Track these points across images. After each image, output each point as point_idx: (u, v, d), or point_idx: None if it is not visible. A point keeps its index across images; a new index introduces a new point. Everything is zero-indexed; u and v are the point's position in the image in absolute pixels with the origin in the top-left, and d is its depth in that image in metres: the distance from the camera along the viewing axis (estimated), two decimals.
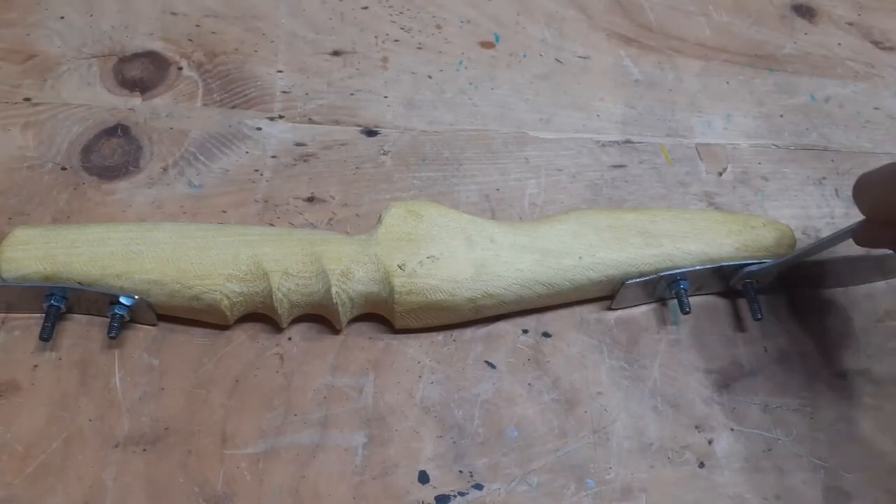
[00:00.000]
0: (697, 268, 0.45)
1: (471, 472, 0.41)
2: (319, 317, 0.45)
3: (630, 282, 0.45)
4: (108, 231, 0.43)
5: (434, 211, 0.45)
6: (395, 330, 0.45)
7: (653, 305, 0.47)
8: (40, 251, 0.42)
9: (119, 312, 0.41)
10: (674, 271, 0.45)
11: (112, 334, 0.41)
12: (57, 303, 0.42)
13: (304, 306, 0.43)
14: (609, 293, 0.47)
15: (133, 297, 0.41)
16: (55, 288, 0.41)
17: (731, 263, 0.46)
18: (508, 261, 0.44)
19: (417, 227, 0.44)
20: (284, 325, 0.44)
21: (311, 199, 0.50)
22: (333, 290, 0.42)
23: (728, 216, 0.48)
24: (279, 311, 0.42)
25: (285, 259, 0.42)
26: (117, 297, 0.41)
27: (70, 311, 0.43)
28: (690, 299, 0.46)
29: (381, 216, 0.44)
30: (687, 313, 0.45)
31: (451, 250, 0.43)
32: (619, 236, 0.46)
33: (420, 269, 0.42)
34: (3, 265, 0.41)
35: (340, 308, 0.42)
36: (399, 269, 0.42)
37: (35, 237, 0.42)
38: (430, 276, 0.42)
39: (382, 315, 0.45)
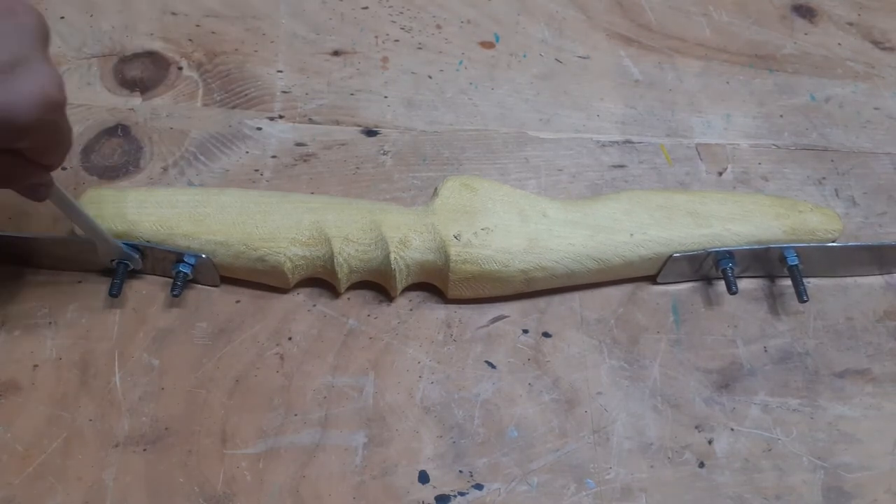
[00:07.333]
0: (744, 247, 0.46)
1: (471, 472, 0.41)
2: (323, 316, 0.45)
3: (677, 255, 0.46)
4: (175, 194, 0.44)
5: (488, 185, 0.46)
6: (403, 328, 0.45)
7: (655, 306, 0.47)
8: (111, 210, 0.43)
9: (183, 271, 0.43)
10: (721, 248, 0.46)
11: (175, 292, 0.43)
12: (125, 260, 0.43)
13: (363, 272, 0.44)
14: (656, 272, 0.47)
15: (199, 256, 0.43)
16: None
17: (779, 245, 0.46)
18: (561, 235, 0.45)
19: (472, 199, 0.45)
20: (342, 290, 0.45)
21: None
22: (392, 256, 0.43)
23: (776, 200, 0.49)
24: (339, 276, 0.43)
25: (346, 226, 0.43)
26: (183, 255, 0.43)
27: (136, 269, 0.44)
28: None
29: (436, 189, 0.46)
30: (734, 293, 0.45)
31: (505, 223, 0.44)
32: (670, 216, 0.47)
33: (475, 239, 0.43)
34: None
35: (397, 274, 0.44)
36: (455, 239, 0.43)
37: (107, 197, 0.43)
38: (485, 247, 0.43)
39: (435, 284, 0.46)
